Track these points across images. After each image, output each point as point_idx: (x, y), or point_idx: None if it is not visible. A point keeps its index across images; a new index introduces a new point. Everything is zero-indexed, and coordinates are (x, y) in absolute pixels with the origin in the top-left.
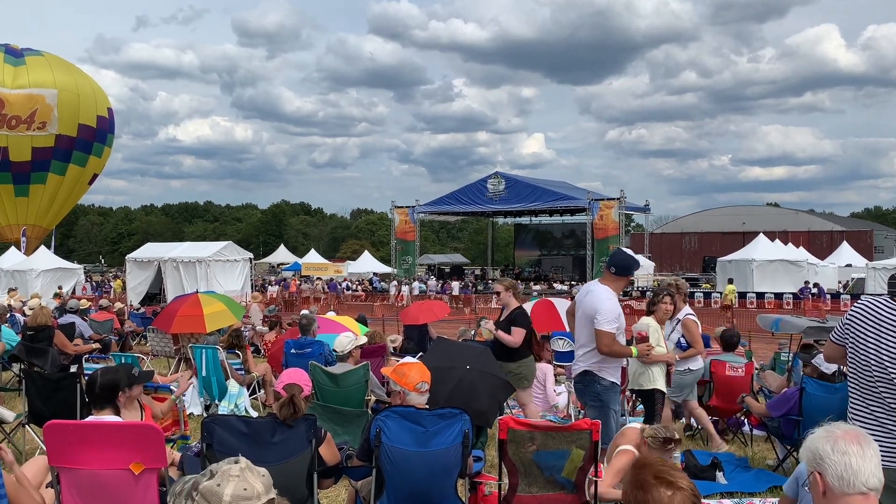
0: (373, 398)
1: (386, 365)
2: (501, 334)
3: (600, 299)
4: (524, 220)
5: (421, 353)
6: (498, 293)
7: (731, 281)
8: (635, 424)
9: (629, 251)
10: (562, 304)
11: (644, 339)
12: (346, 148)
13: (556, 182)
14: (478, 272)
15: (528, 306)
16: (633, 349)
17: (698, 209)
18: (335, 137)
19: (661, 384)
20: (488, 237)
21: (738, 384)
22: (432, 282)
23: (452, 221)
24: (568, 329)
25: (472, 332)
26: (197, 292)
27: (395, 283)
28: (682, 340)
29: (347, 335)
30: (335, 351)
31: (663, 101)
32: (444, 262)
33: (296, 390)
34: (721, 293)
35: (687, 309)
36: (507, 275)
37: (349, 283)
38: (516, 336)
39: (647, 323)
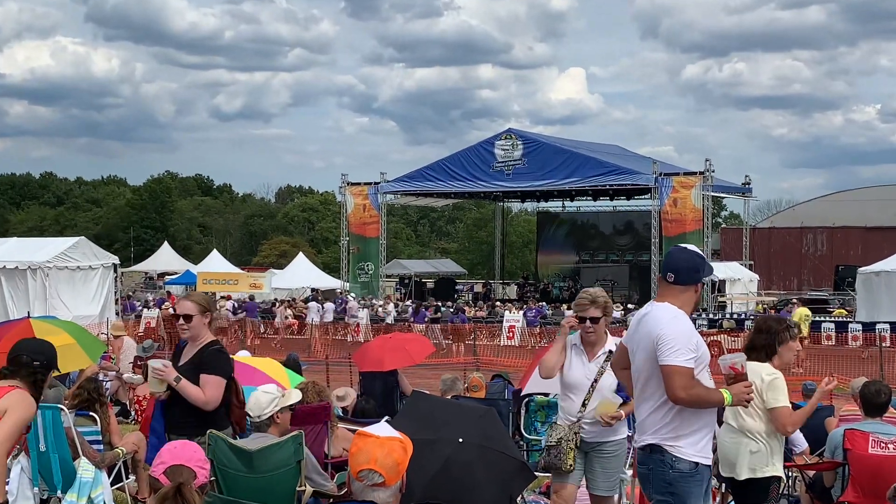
0: (308, 489)
1: (331, 434)
2: (187, 386)
3: (661, 320)
4: (553, 205)
5: (387, 419)
6: (188, 319)
7: (802, 302)
8: None
9: (692, 247)
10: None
11: (740, 376)
12: (269, 89)
13: (603, 146)
14: (479, 288)
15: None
16: (726, 393)
17: (828, 190)
18: (252, 72)
19: (780, 467)
20: (495, 232)
21: (889, 468)
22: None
23: (439, 207)
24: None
25: (464, 385)
26: (29, 317)
27: (329, 302)
28: (621, 387)
29: (269, 389)
30: (248, 414)
31: (773, 18)
32: (426, 271)
33: (185, 476)
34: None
35: (617, 339)
36: (527, 291)
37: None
38: (209, 390)
39: (744, 357)
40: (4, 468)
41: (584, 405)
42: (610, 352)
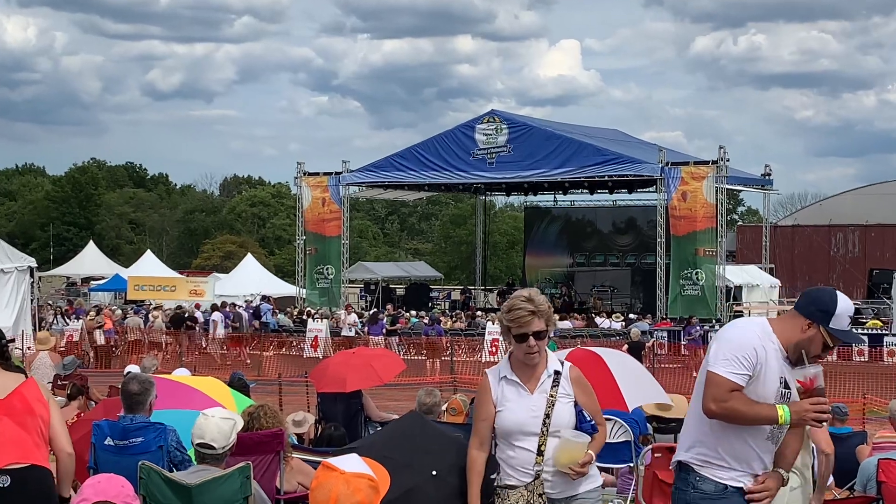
0: None
1: (283, 465)
2: None
3: (730, 326)
4: (543, 199)
5: (349, 445)
6: None
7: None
8: None
9: (842, 295)
10: (614, 358)
11: (809, 391)
12: (211, 63)
13: (601, 131)
14: (457, 295)
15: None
16: (783, 410)
17: (860, 183)
18: (192, 43)
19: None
20: (476, 230)
21: None
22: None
23: (411, 202)
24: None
25: (444, 406)
26: None
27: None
28: (584, 415)
29: (223, 414)
30: (210, 446)
31: None
32: (396, 275)
33: None
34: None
35: (560, 354)
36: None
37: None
38: None
39: (819, 370)
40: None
41: (540, 452)
42: (556, 373)
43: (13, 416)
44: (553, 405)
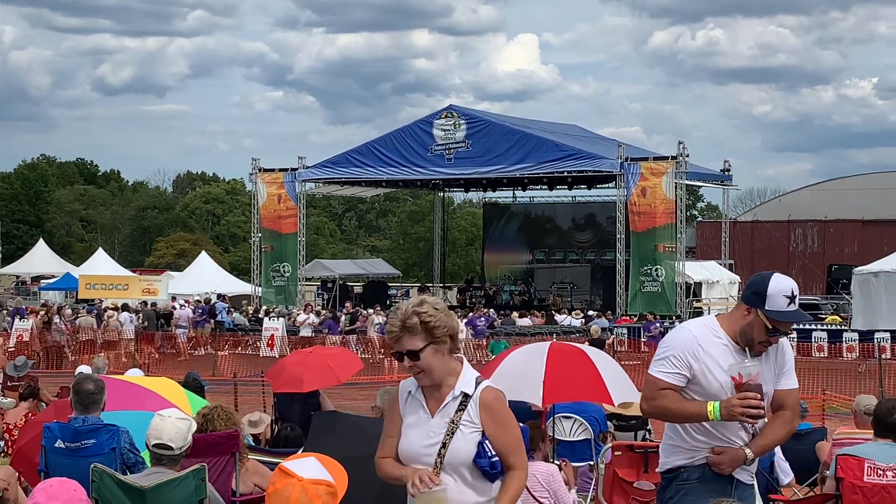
0: None
1: (239, 466)
2: None
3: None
4: (502, 195)
5: (303, 448)
6: None
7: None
8: None
9: (782, 276)
10: (596, 354)
11: (741, 386)
12: (163, 58)
13: (560, 126)
14: (414, 294)
15: (526, 354)
16: (712, 406)
17: (819, 178)
18: (143, 37)
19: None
20: (434, 227)
21: (891, 499)
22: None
23: (368, 198)
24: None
25: None
26: None
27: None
28: (486, 449)
29: (179, 415)
30: (168, 446)
31: None
32: (353, 273)
33: None
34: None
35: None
36: (471, 296)
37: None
38: None
39: (755, 365)
40: None
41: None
42: (464, 395)
43: None
44: (452, 434)
